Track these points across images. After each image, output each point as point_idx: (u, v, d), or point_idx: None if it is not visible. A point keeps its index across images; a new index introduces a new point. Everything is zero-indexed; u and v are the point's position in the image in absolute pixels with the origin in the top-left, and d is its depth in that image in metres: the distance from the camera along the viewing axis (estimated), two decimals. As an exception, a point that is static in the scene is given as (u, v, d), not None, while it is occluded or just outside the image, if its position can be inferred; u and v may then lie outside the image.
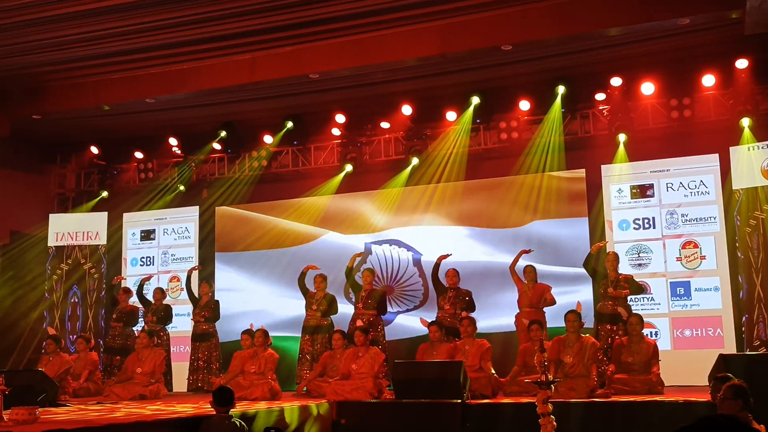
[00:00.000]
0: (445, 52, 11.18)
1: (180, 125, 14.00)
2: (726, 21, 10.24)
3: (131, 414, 7.62)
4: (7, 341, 13.53)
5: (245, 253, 13.70)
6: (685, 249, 11.27)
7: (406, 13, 10.79)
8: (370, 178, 13.31)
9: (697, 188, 11.34)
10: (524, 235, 11.96)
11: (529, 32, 10.72)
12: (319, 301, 11.00)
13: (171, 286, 13.83)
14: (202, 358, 11.60)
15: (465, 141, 12.59)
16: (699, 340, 10.98)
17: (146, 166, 14.36)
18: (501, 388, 9.28)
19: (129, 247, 14.54)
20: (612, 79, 11.68)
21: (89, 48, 11.73)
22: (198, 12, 10.68)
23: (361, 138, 13.31)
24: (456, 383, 8.37)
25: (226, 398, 6.72)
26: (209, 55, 11.93)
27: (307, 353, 10.84)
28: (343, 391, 9.16)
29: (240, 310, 13.04)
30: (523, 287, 10.60)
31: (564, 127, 12.13)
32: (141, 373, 10.47)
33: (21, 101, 13.23)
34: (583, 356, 8.97)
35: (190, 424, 6.94)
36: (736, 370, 6.49)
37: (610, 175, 11.80)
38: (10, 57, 11.97)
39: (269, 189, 13.94)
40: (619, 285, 9.99)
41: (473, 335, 9.69)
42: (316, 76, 11.88)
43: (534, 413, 6.47)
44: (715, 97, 11.48)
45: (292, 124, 13.44)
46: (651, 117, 11.82)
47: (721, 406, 5.27)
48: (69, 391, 10.50)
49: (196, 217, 14.16)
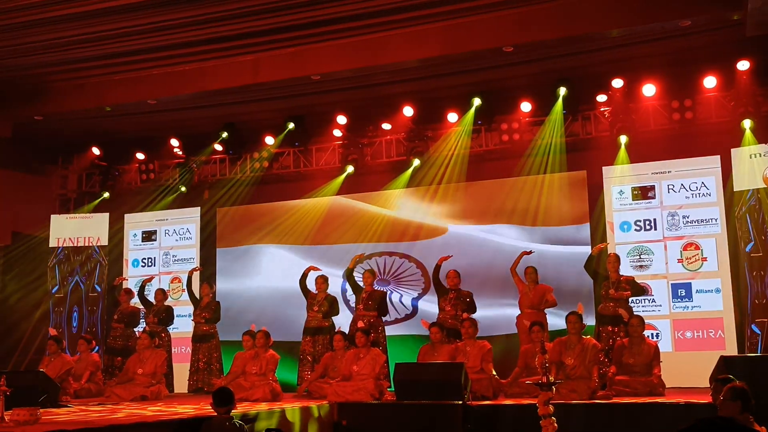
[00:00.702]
0: (446, 54, 11.19)
1: (182, 126, 14.01)
2: (727, 22, 10.24)
3: (132, 415, 7.62)
4: (9, 342, 13.55)
5: (247, 253, 13.70)
6: (686, 250, 11.26)
7: (408, 15, 10.80)
8: (372, 179, 13.32)
9: (699, 190, 11.33)
10: (525, 236, 11.99)
11: (531, 34, 10.73)
12: (321, 302, 11.00)
13: (172, 287, 13.84)
14: (202, 359, 11.59)
15: (466, 142, 12.60)
16: (700, 342, 10.97)
17: (148, 167, 14.38)
18: (502, 389, 9.27)
19: (130, 248, 14.55)
20: (613, 81, 11.68)
21: (91, 49, 11.75)
22: (200, 13, 10.70)
23: (362, 139, 13.32)
24: (457, 385, 8.36)
25: (226, 399, 6.72)
26: (211, 57, 11.95)
27: (309, 354, 10.84)
28: (344, 392, 9.15)
29: (241, 310, 13.07)
30: (525, 288, 10.59)
31: (565, 129, 12.13)
32: (142, 374, 10.46)
33: (23, 102, 13.24)
34: (584, 358, 8.96)
35: (191, 425, 6.93)
36: (737, 372, 6.48)
37: (612, 177, 11.80)
38: (12, 58, 11.99)
39: (271, 190, 13.95)
40: (620, 287, 9.98)
41: (474, 336, 9.68)
42: (318, 78, 11.89)
43: (535, 415, 6.45)
44: (716, 98, 11.47)
45: (293, 126, 13.45)
46: (652, 118, 11.82)
47: (721, 407, 5.26)
48: (70, 392, 10.49)
49: (197, 218, 14.17)
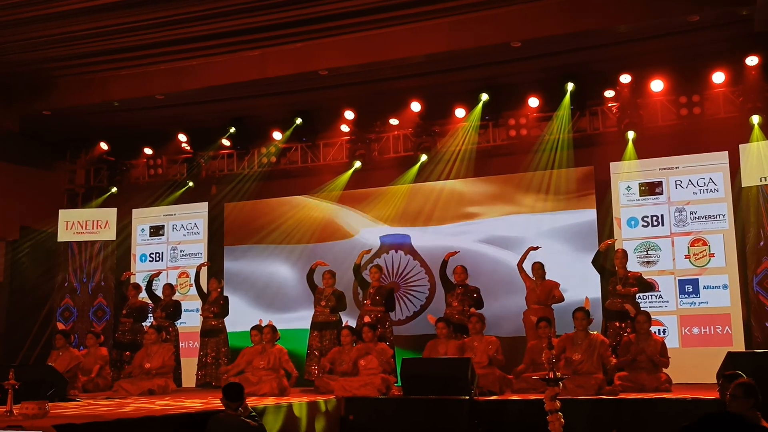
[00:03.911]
0: (454, 49, 11.18)
1: (189, 121, 14.03)
2: (736, 18, 10.20)
3: (140, 409, 7.65)
4: (17, 336, 13.60)
5: (254, 248, 13.74)
6: (693, 246, 11.25)
7: (415, 10, 10.80)
8: (379, 174, 13.32)
9: (707, 185, 11.31)
10: (533, 230, 11.99)
11: (538, 29, 10.71)
12: (328, 297, 11.01)
13: (180, 282, 13.87)
14: (210, 354, 11.62)
15: (474, 138, 12.60)
16: (707, 338, 10.95)
17: (155, 162, 14.41)
18: (509, 384, 9.28)
19: (138, 243, 14.59)
20: (621, 76, 11.66)
21: (99, 44, 11.77)
22: (207, 8, 10.71)
23: (370, 135, 13.34)
24: (464, 380, 8.37)
25: (236, 395, 6.74)
26: (218, 52, 11.96)
27: (316, 349, 10.86)
28: (351, 387, 9.17)
29: (249, 305, 13.10)
30: (531, 284, 10.58)
31: (573, 124, 12.13)
32: (149, 368, 10.50)
33: (31, 97, 13.28)
34: (591, 353, 8.96)
35: (199, 419, 6.97)
36: (744, 368, 6.47)
37: (619, 173, 11.78)
38: (20, 53, 12.02)
39: (278, 185, 13.97)
40: (627, 282, 9.97)
41: (482, 332, 9.69)
42: (326, 73, 11.89)
43: (542, 410, 6.46)
44: (724, 94, 11.45)
45: (301, 121, 13.46)
46: (660, 114, 11.80)
47: (730, 404, 5.26)
48: (78, 386, 10.54)
49: (205, 213, 14.19)
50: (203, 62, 12.23)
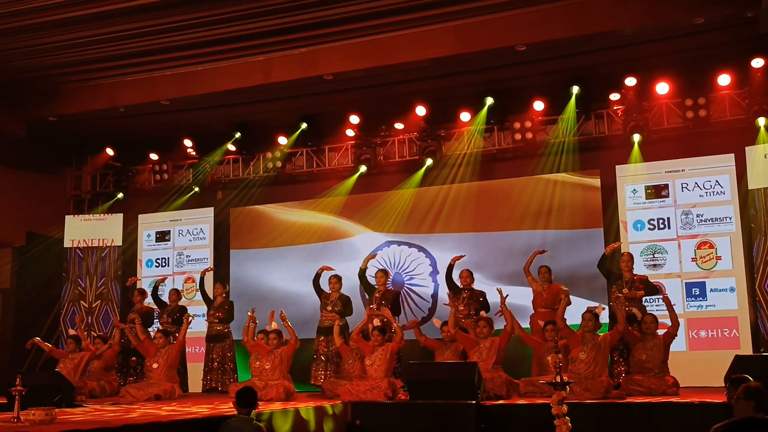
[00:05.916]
0: (459, 53, 11.20)
1: (195, 126, 14.06)
2: (741, 20, 10.20)
3: (147, 414, 7.65)
4: (24, 342, 13.60)
5: (261, 252, 13.74)
6: (700, 249, 11.21)
7: (420, 14, 10.81)
8: (385, 179, 13.35)
9: (713, 188, 11.28)
10: (538, 236, 11.98)
11: (543, 32, 10.72)
12: (334, 302, 11.00)
13: (186, 287, 13.87)
14: (216, 359, 11.62)
15: (479, 142, 12.62)
16: (715, 341, 10.92)
17: (161, 168, 14.46)
18: (516, 388, 9.26)
19: (144, 249, 14.60)
20: (626, 79, 11.67)
21: (105, 50, 11.81)
22: (212, 14, 10.74)
23: (375, 139, 13.34)
24: (470, 384, 8.35)
25: (249, 400, 6.73)
26: (224, 57, 12.00)
27: (322, 354, 10.85)
28: (357, 391, 9.15)
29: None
30: (538, 288, 10.56)
31: (578, 128, 12.13)
32: (156, 371, 10.51)
33: (37, 103, 13.33)
34: (597, 355, 8.92)
35: (206, 425, 6.96)
36: (752, 371, 6.44)
37: (625, 176, 11.76)
38: (27, 59, 12.07)
39: (284, 190, 13.99)
40: (633, 286, 9.94)
41: (489, 336, 9.67)
42: (331, 77, 11.91)
43: (549, 414, 6.45)
44: (730, 96, 11.43)
45: (306, 126, 13.49)
46: (666, 117, 11.79)
47: (736, 407, 5.23)
48: (85, 391, 10.55)
49: (211, 218, 14.20)
50: (209, 68, 12.26)
